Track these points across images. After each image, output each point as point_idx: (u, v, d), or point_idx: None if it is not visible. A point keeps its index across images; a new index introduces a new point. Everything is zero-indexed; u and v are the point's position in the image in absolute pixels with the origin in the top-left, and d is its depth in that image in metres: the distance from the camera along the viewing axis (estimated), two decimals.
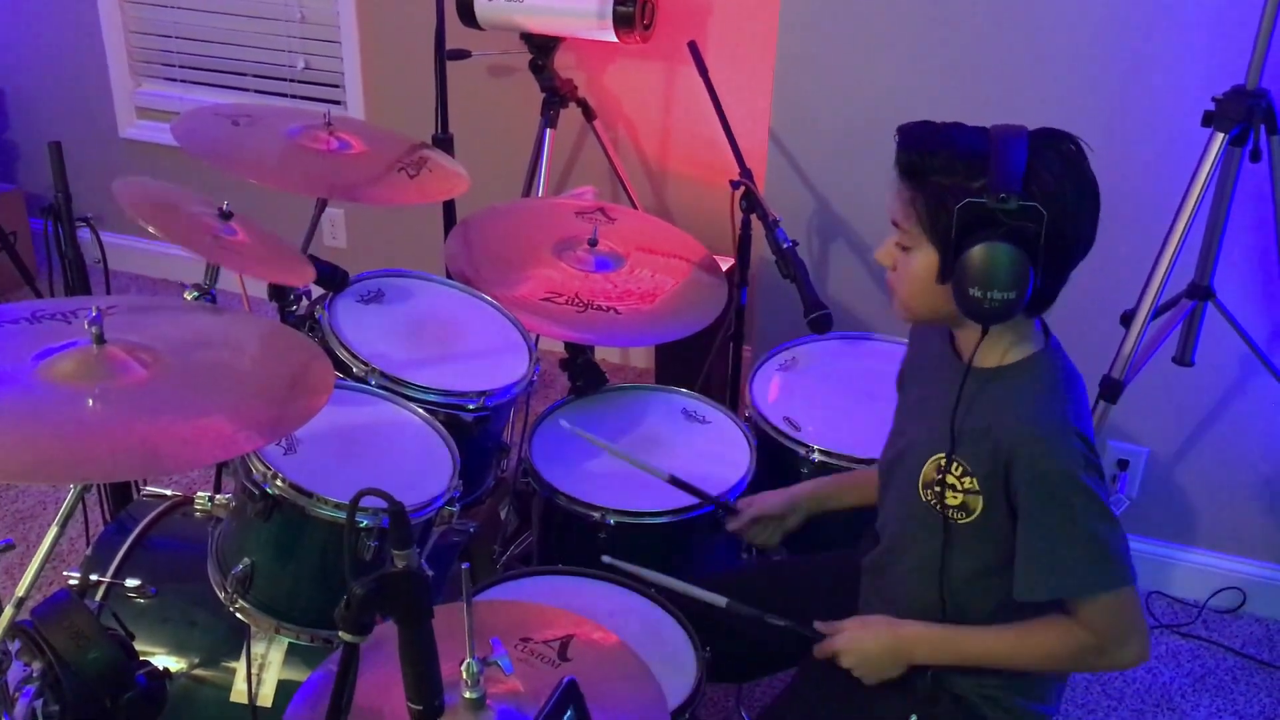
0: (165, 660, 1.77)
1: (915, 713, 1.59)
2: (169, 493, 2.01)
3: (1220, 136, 2.11)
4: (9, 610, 1.61)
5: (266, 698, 1.76)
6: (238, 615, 1.72)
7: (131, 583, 1.83)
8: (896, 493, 1.66)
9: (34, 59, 3.82)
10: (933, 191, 1.44)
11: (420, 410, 1.89)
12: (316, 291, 2.08)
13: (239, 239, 1.88)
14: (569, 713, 1.13)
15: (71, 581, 1.84)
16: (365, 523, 1.63)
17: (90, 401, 1.41)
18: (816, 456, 2.05)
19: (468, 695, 1.26)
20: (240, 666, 1.76)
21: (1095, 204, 1.46)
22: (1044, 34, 2.42)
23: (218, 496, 1.78)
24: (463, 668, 1.26)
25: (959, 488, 1.52)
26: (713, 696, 2.32)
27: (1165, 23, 2.33)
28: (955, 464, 1.52)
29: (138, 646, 1.62)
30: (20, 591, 1.64)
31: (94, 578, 1.84)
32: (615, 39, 2.82)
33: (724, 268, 2.40)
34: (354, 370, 1.92)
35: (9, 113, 3.96)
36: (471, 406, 1.94)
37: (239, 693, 1.76)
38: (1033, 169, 1.40)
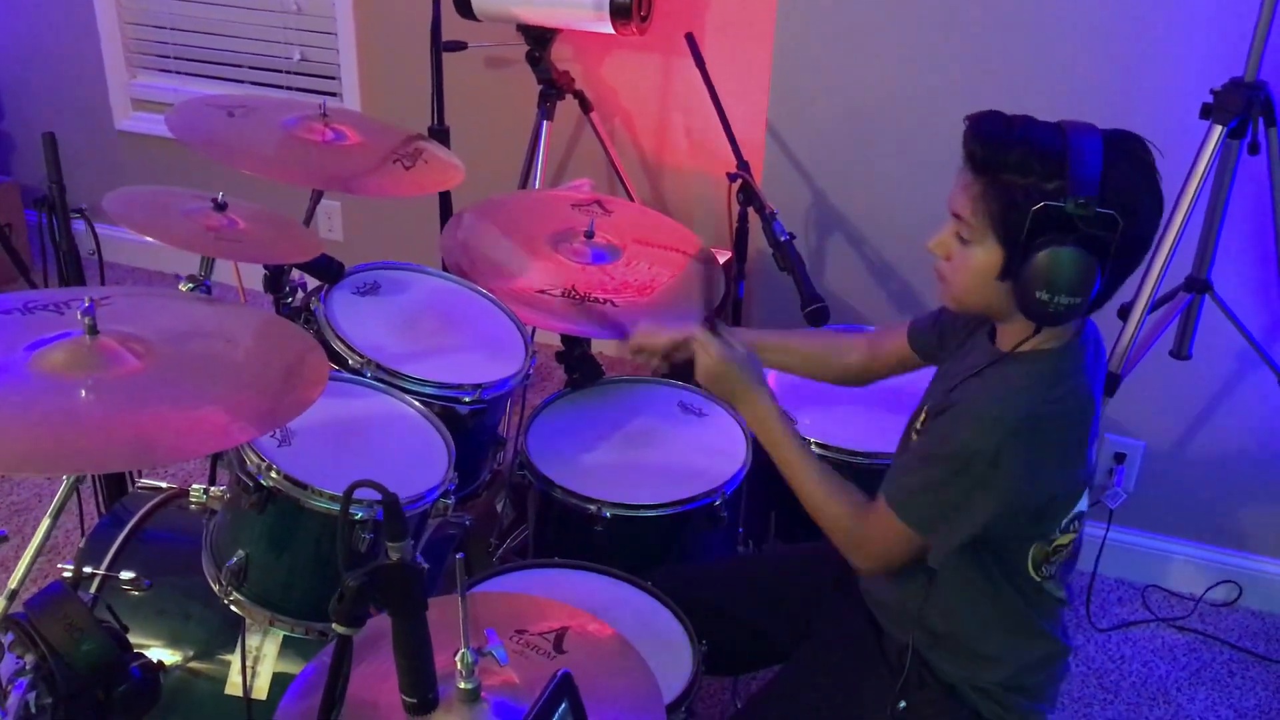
0: (160, 653, 1.77)
1: (905, 699, 1.59)
2: (164, 485, 2.00)
3: (1218, 129, 2.10)
4: (1, 602, 1.61)
5: (261, 690, 1.75)
6: (232, 608, 1.72)
7: (126, 575, 1.82)
8: (900, 448, 1.68)
9: (29, 51, 3.81)
10: (1005, 189, 1.41)
11: (416, 403, 1.88)
12: (312, 283, 2.07)
13: (239, 228, 1.87)
14: (563, 706, 1.13)
15: (65, 574, 1.83)
16: (360, 515, 1.62)
17: (83, 392, 1.40)
18: (813, 449, 2.04)
19: (463, 686, 1.26)
20: (235, 659, 1.76)
21: (1161, 212, 1.45)
22: (1042, 26, 2.42)
23: (212, 489, 1.78)
24: (457, 658, 1.25)
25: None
26: (709, 689, 2.32)
27: (1163, 15, 2.33)
28: (926, 413, 1.56)
29: (132, 639, 1.62)
30: (13, 584, 1.64)
31: (88, 570, 1.83)
32: (612, 31, 2.81)
33: (721, 260, 2.39)
34: (350, 362, 1.91)
35: (4, 104, 3.95)
36: (467, 399, 1.93)
37: (234, 685, 1.76)
38: (1108, 173, 1.38)
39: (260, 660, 1.76)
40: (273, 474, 1.63)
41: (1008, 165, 1.41)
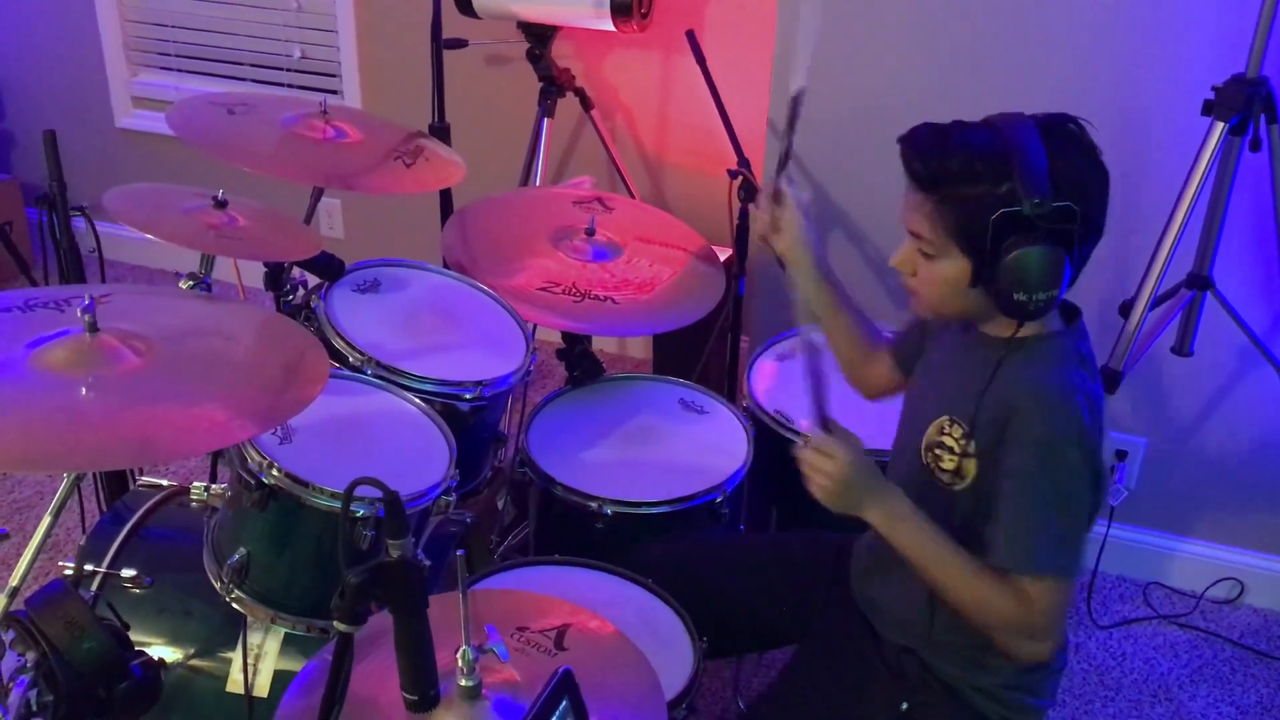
0: (161, 650, 1.77)
1: (907, 700, 1.59)
2: (165, 483, 2.00)
3: (1220, 126, 2.10)
4: (2, 600, 1.61)
5: (262, 688, 1.75)
6: (234, 605, 1.72)
7: (127, 573, 1.82)
8: (903, 458, 1.65)
9: (30, 48, 3.81)
10: (959, 203, 1.41)
11: (417, 400, 1.88)
12: (313, 281, 2.07)
13: (239, 225, 1.88)
14: (564, 703, 1.13)
15: (66, 571, 1.83)
16: (361, 512, 1.62)
17: (83, 390, 1.40)
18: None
19: (464, 683, 1.26)
20: (236, 656, 1.76)
21: (1107, 183, 1.45)
22: (1043, 23, 2.41)
23: (213, 486, 1.78)
24: (459, 656, 1.25)
25: (955, 450, 1.51)
26: (710, 686, 2.32)
27: (1165, 11, 2.32)
28: (955, 425, 1.51)
29: (134, 637, 1.62)
30: (14, 581, 1.64)
31: (89, 568, 1.83)
32: (613, 28, 2.80)
33: (722, 258, 2.39)
34: (350, 359, 1.91)
35: (4, 102, 3.95)
36: (468, 396, 1.93)
37: (235, 683, 1.76)
38: (1054, 164, 1.38)
39: (262, 658, 1.76)
40: (274, 471, 1.63)
41: (953, 176, 1.41)
